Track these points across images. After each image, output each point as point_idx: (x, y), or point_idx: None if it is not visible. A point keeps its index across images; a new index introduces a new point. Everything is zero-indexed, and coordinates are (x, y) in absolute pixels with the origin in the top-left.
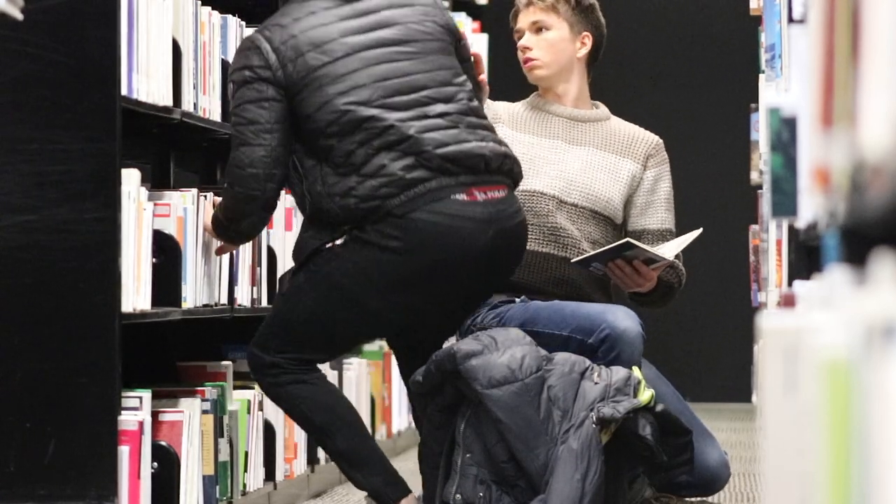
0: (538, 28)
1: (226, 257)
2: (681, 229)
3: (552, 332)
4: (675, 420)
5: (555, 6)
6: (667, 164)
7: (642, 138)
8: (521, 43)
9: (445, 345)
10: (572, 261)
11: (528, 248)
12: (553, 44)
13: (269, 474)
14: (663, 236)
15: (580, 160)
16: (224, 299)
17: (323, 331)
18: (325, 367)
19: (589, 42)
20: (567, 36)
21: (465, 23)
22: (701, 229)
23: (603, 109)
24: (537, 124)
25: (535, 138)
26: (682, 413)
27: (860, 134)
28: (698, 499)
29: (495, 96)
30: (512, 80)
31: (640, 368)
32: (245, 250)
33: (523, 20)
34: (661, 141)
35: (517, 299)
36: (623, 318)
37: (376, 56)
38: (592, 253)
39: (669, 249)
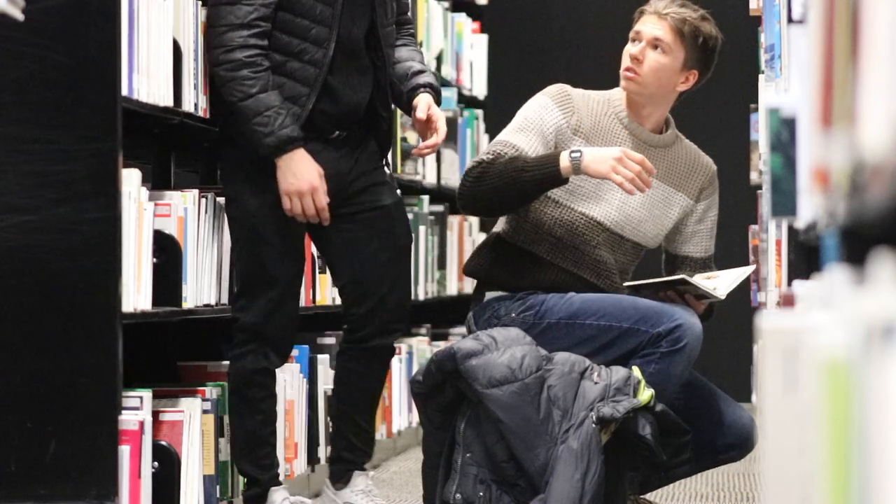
0: (656, 45)
1: (226, 257)
2: None
3: (608, 323)
4: (674, 420)
5: (682, 33)
6: (716, 193)
7: (699, 169)
8: (632, 49)
9: (445, 344)
10: (625, 284)
11: (564, 266)
12: (661, 68)
13: None
14: (705, 264)
15: (643, 193)
16: (224, 299)
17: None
18: (325, 367)
19: (693, 80)
20: (678, 67)
21: (465, 23)
22: (754, 266)
23: (671, 132)
24: (613, 141)
25: None
26: (702, 384)
27: (860, 134)
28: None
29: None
30: (512, 79)
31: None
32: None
33: (648, 28)
34: (715, 170)
35: (540, 293)
36: (691, 314)
37: None
38: (647, 282)
39: (722, 285)
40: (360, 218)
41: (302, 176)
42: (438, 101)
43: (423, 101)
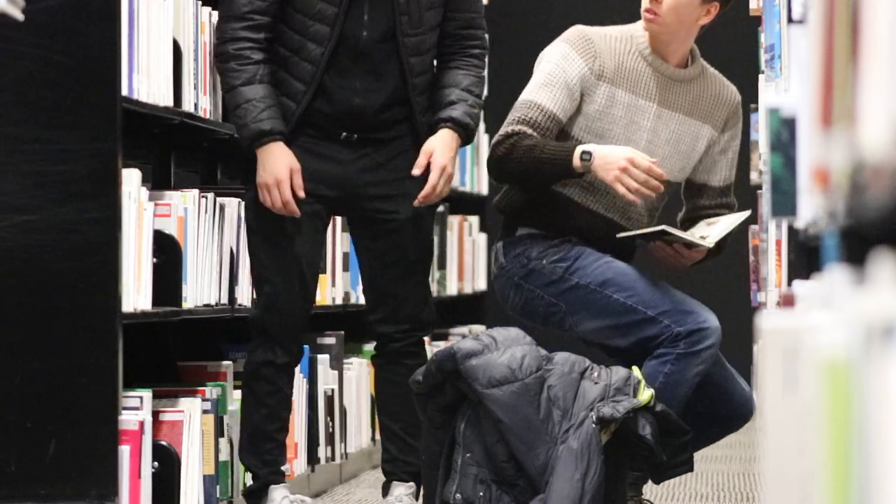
0: None
1: (226, 257)
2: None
3: (635, 305)
4: (674, 420)
5: None
6: (740, 122)
7: (725, 100)
8: None
9: (445, 344)
10: (617, 236)
11: (594, 209)
12: (680, 5)
13: None
14: (723, 192)
15: (668, 130)
16: (224, 299)
17: None
18: (325, 367)
19: (714, 12)
20: (697, 2)
21: None
22: (749, 212)
23: (697, 64)
24: (638, 80)
25: (632, 98)
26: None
27: (860, 134)
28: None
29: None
30: (512, 79)
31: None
32: (246, 250)
33: None
34: (739, 99)
35: (579, 245)
36: (715, 317)
37: None
38: (633, 233)
39: (715, 232)
40: (374, 228)
41: (269, 169)
42: (466, 137)
43: (427, 146)
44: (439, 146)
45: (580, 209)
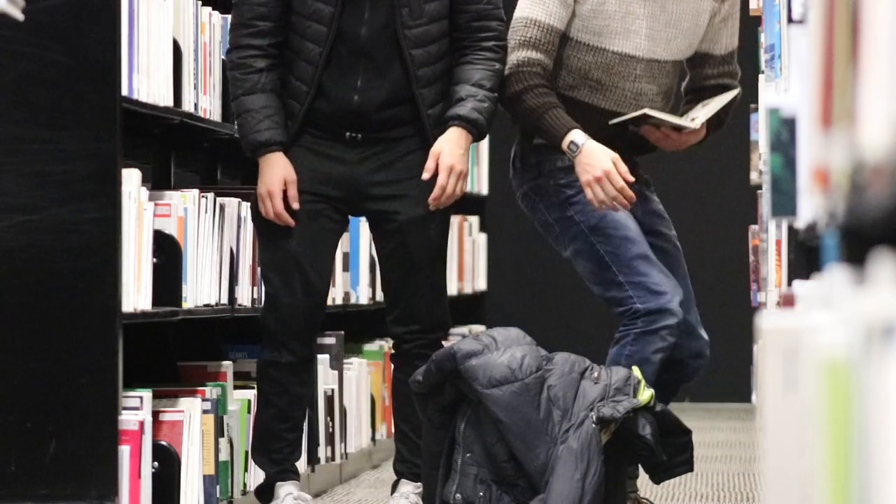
0: None
1: (226, 257)
2: (680, 228)
3: (610, 263)
4: (674, 420)
5: None
6: None
7: None
8: None
9: (445, 344)
10: (610, 122)
11: (605, 107)
12: None
13: None
14: (725, 60)
15: (667, 12)
16: (224, 299)
17: None
18: (325, 367)
19: None
20: None
21: None
22: (738, 90)
23: None
24: None
25: None
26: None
27: (860, 134)
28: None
29: None
30: None
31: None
32: (246, 250)
33: None
34: None
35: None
36: (679, 297)
37: None
38: (620, 119)
39: (701, 114)
40: (380, 228)
41: (265, 180)
42: (478, 133)
43: (435, 148)
44: (447, 146)
45: (591, 110)
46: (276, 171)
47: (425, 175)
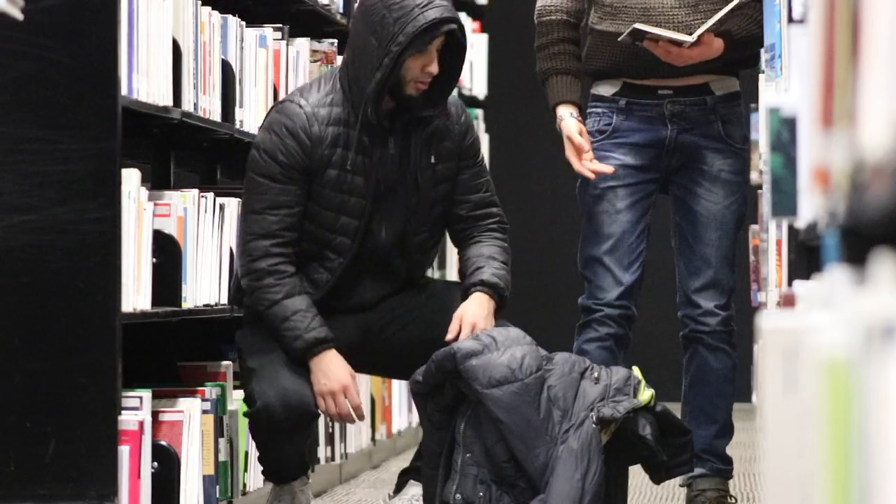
0: None
1: (226, 257)
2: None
3: (582, 246)
4: (674, 420)
5: None
6: None
7: None
8: None
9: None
10: (619, 39)
11: (622, 31)
12: None
13: None
14: None
15: None
16: (224, 299)
17: None
18: None
19: None
20: None
21: (465, 23)
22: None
23: None
24: None
25: None
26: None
27: (860, 134)
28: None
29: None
30: (512, 79)
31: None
32: None
33: None
34: None
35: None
36: (617, 292)
37: None
38: (622, 37)
39: (702, 27)
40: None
41: (333, 376)
42: (499, 298)
43: (458, 311)
44: (471, 308)
45: (613, 38)
46: (341, 365)
47: (449, 336)
